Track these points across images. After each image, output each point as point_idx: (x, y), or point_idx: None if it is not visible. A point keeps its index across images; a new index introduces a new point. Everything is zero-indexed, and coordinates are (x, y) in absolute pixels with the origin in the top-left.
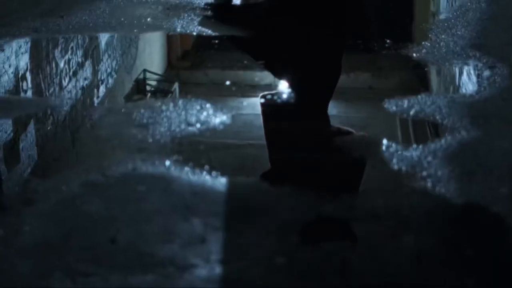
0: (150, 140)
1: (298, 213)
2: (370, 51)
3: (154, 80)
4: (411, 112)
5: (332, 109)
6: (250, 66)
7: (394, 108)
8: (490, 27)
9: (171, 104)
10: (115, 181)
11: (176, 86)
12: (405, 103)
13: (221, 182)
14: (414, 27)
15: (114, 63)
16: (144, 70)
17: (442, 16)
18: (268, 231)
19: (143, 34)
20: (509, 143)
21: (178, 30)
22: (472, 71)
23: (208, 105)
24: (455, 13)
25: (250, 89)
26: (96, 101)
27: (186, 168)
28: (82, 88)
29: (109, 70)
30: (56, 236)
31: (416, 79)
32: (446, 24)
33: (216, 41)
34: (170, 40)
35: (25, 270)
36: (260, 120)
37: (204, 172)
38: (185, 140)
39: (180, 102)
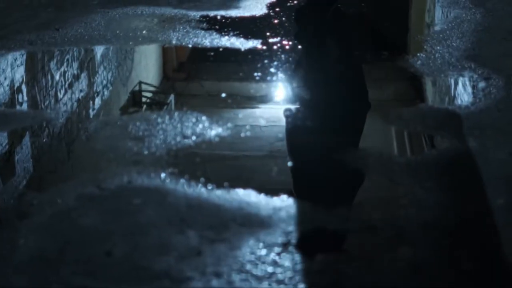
0: (146, 152)
1: (295, 225)
2: (366, 62)
3: (149, 92)
4: (407, 124)
5: None
6: (246, 78)
7: (390, 119)
8: (485, 39)
9: (167, 117)
10: (111, 193)
11: (171, 98)
12: (401, 114)
13: (217, 194)
14: (409, 38)
15: (109, 75)
16: (140, 82)
17: (437, 28)
18: (265, 243)
19: (139, 46)
20: (505, 154)
21: (174, 42)
22: (467, 82)
23: (203, 118)
24: (450, 25)
25: (245, 101)
26: (91, 113)
27: (182, 181)
28: (78, 100)
29: (104, 82)
30: (52, 249)
31: (412, 90)
32: (441, 36)
33: (212, 53)
34: (166, 52)
35: (21, 284)
36: (256, 131)
37: (200, 185)
38: (181, 153)
39: (176, 114)
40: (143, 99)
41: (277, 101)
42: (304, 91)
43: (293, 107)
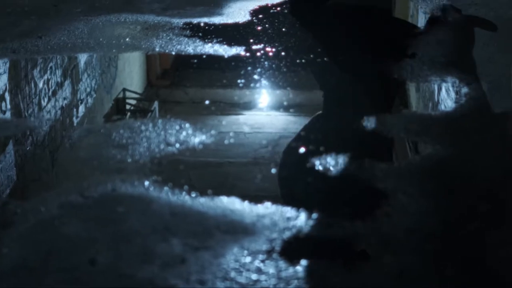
0: (130, 160)
1: (278, 232)
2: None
3: (133, 99)
4: (390, 129)
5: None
6: (229, 85)
7: (373, 125)
8: (467, 44)
9: (151, 124)
10: (94, 202)
11: (155, 105)
12: (385, 120)
13: (201, 202)
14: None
15: (93, 82)
16: (124, 89)
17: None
18: (249, 251)
19: (122, 54)
20: (488, 159)
21: (157, 49)
22: (450, 88)
23: (187, 125)
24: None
25: (229, 108)
26: (75, 121)
27: (166, 188)
28: (61, 108)
29: (88, 90)
30: (35, 258)
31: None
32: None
33: (195, 60)
34: (149, 59)
35: None
36: (240, 138)
37: (184, 192)
38: (165, 160)
39: (160, 122)
40: (127, 106)
41: (260, 107)
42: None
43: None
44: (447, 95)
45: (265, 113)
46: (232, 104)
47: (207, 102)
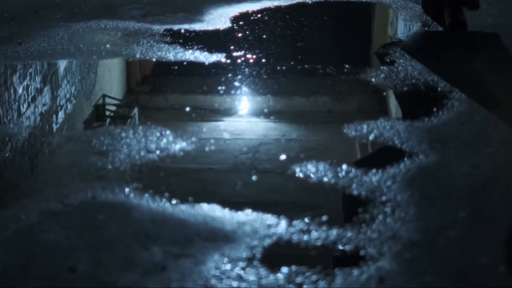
0: (110, 167)
1: (259, 239)
2: (329, 75)
3: (113, 105)
4: (371, 137)
5: (291, 132)
6: (210, 91)
7: (353, 132)
8: (447, 52)
9: (131, 131)
10: (75, 209)
11: (135, 111)
12: (364, 127)
13: (181, 209)
14: (371, 51)
15: (73, 88)
16: (104, 96)
17: (400, 41)
18: (229, 258)
19: (102, 60)
20: (468, 167)
21: (138, 56)
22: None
23: (167, 132)
24: (413, 38)
25: (209, 114)
26: (55, 127)
27: (146, 196)
28: (41, 114)
29: (68, 96)
30: (15, 266)
31: (375, 103)
32: (404, 49)
33: (176, 67)
34: (130, 65)
35: None
36: (220, 145)
37: (164, 199)
38: (145, 167)
39: (140, 128)
40: (107, 113)
41: (241, 114)
42: None
43: None
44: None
45: (245, 119)
46: (213, 110)
47: (187, 108)
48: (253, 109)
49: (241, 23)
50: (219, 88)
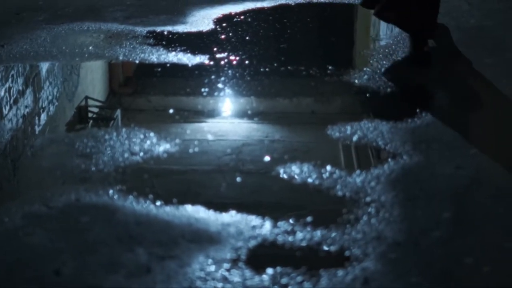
0: (93, 169)
1: (244, 241)
2: (312, 76)
3: (96, 107)
4: (354, 138)
5: (274, 133)
6: (193, 93)
7: (337, 133)
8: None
9: (114, 133)
10: (58, 212)
11: (118, 113)
12: (348, 129)
13: (166, 210)
14: (354, 53)
15: (55, 90)
16: (86, 97)
17: (382, 42)
18: (214, 260)
19: (85, 62)
20: (451, 168)
21: (120, 58)
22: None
23: (151, 134)
24: (395, 39)
25: (193, 116)
26: (37, 129)
27: (130, 198)
28: (23, 116)
29: (50, 98)
30: (0, 269)
31: (359, 105)
32: (386, 50)
33: (159, 69)
34: (112, 67)
35: None
36: (203, 146)
37: (148, 201)
38: (129, 169)
39: (124, 130)
40: (90, 114)
41: (224, 115)
42: None
43: None
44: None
45: (228, 120)
46: (196, 112)
47: (170, 110)
48: (236, 110)
49: (224, 24)
50: (203, 89)
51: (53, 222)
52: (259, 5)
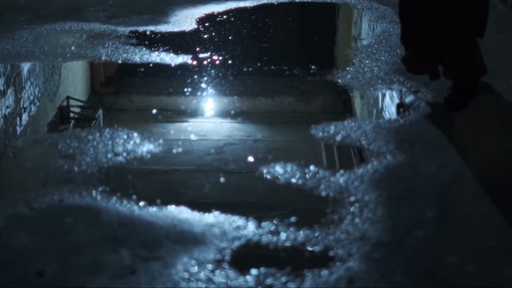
0: (77, 170)
1: (228, 241)
2: (295, 76)
3: (77, 107)
4: (337, 137)
5: (257, 133)
6: (176, 93)
7: (320, 133)
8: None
9: (97, 134)
10: (42, 213)
11: (100, 112)
12: (332, 128)
13: (149, 211)
14: (337, 52)
15: (36, 90)
16: (68, 97)
17: (365, 42)
18: (198, 261)
19: (67, 62)
20: (435, 167)
21: (103, 58)
22: (396, 96)
23: (134, 134)
24: (377, 39)
25: (175, 115)
26: (19, 130)
27: (114, 199)
28: (4, 116)
29: (32, 98)
30: None
31: (341, 104)
32: (369, 50)
33: (141, 69)
34: (93, 67)
35: None
36: (186, 146)
37: (132, 202)
38: (112, 170)
39: (106, 131)
40: (71, 115)
41: (207, 115)
42: None
43: None
44: (393, 103)
45: (211, 120)
46: (178, 111)
47: (153, 110)
48: (219, 110)
49: (206, 24)
50: (185, 89)
51: (36, 224)
52: (241, 4)
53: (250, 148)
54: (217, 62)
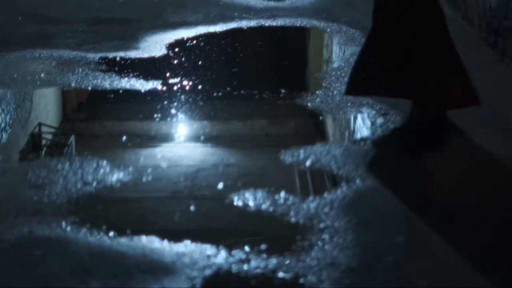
0: (46, 201)
1: (198, 270)
2: (265, 100)
3: (49, 133)
4: (308, 162)
5: (229, 157)
6: (146, 118)
7: (290, 158)
8: None
9: (67, 163)
10: (11, 245)
11: (72, 139)
12: (301, 153)
13: (120, 241)
14: (308, 75)
15: (8, 117)
16: (39, 124)
17: (335, 64)
18: None
19: (37, 90)
20: (404, 191)
21: (73, 85)
22: (366, 119)
23: (104, 162)
24: (347, 61)
25: (146, 141)
26: None
27: (84, 229)
28: None
29: (3, 125)
30: None
31: (312, 128)
32: (339, 73)
33: (112, 95)
34: (65, 93)
35: None
36: (158, 172)
37: (102, 232)
38: (82, 200)
39: (77, 159)
40: (43, 141)
41: (179, 141)
42: None
43: None
44: (362, 126)
45: (183, 145)
46: (150, 137)
47: (124, 136)
48: (190, 135)
49: (176, 49)
50: (156, 115)
51: (5, 256)
52: (211, 29)
53: (223, 174)
54: (187, 87)
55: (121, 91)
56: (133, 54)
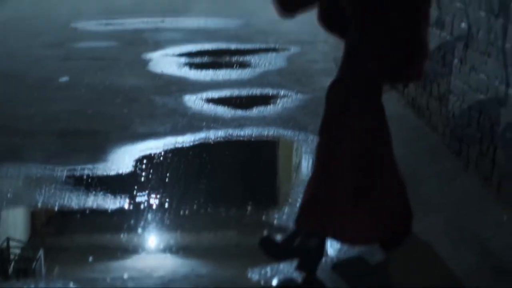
0: None
1: None
2: (232, 218)
3: (18, 248)
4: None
5: (201, 268)
6: (116, 230)
7: (257, 276)
8: None
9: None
10: None
11: (41, 253)
12: (268, 271)
13: None
14: (274, 188)
15: None
16: (7, 239)
17: (302, 177)
18: None
19: (4, 210)
20: None
21: (39, 205)
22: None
23: (71, 284)
24: None
25: (117, 253)
26: None
27: None
28: None
29: None
30: None
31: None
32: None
33: (81, 210)
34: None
35: None
36: (129, 285)
37: None
38: None
39: (42, 283)
40: (11, 256)
41: (148, 252)
42: None
43: None
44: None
45: (153, 256)
46: (120, 249)
47: (93, 249)
48: (160, 246)
49: (144, 162)
50: (126, 226)
51: None
52: (179, 139)
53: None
54: (154, 206)
55: (87, 211)
56: (101, 166)
